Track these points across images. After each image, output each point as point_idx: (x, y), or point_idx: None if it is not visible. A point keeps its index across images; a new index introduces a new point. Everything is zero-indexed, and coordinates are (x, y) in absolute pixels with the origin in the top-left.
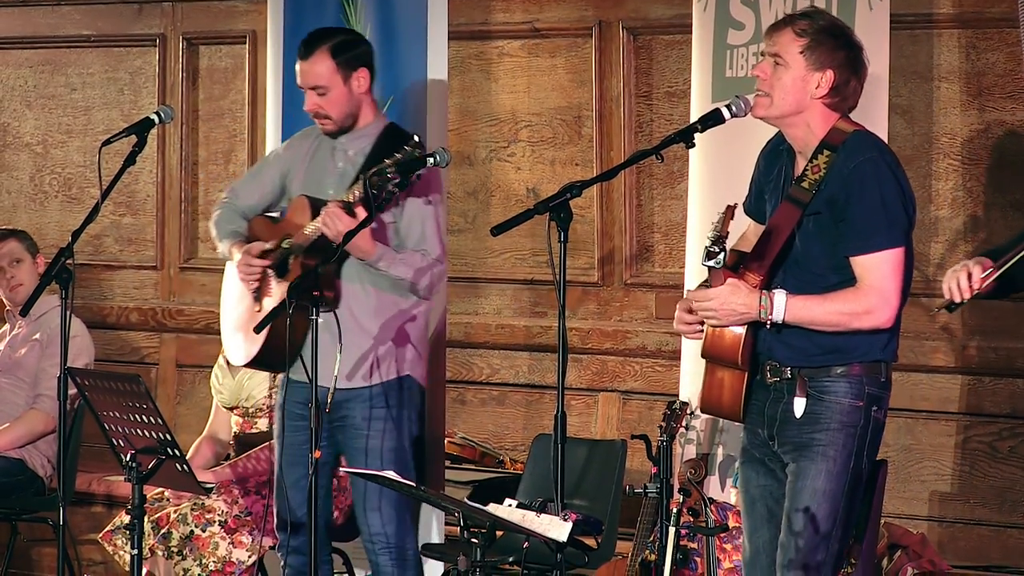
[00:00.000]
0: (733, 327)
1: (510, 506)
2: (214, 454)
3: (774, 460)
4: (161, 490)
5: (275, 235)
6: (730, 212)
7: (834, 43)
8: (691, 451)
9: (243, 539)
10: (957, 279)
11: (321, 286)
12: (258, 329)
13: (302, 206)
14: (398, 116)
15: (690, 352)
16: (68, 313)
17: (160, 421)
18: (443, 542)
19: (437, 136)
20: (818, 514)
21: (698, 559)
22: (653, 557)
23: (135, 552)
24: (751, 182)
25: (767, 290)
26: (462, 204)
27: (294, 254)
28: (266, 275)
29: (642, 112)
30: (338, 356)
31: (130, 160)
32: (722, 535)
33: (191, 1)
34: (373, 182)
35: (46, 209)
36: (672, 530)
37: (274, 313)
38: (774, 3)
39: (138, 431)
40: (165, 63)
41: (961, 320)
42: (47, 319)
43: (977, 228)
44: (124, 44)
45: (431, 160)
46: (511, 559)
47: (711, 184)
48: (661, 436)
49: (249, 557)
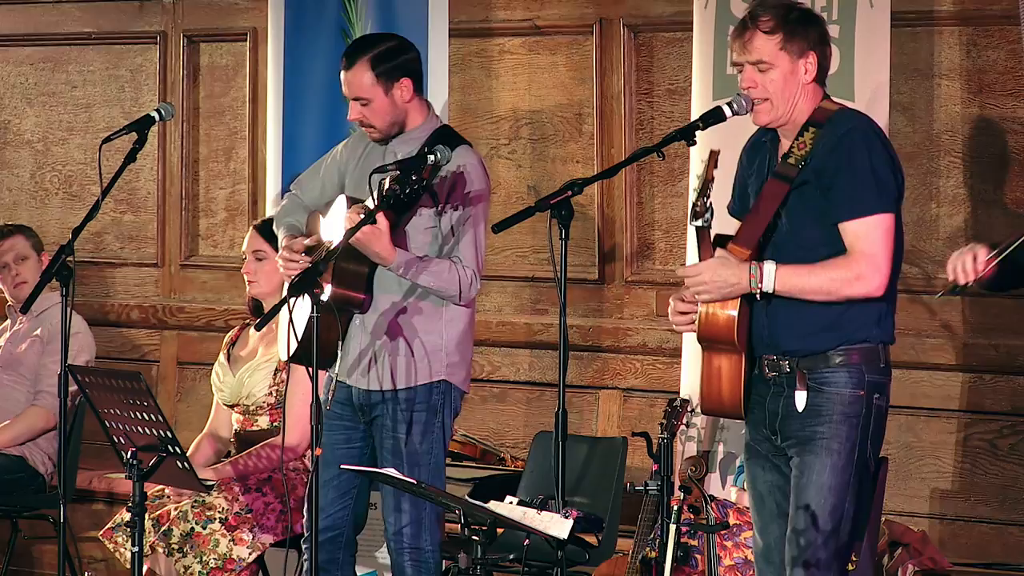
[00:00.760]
0: (727, 308)
1: (511, 503)
2: (215, 451)
3: (778, 455)
4: (161, 487)
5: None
6: (714, 158)
7: (804, 25)
8: (692, 448)
9: (244, 536)
10: (962, 261)
11: (337, 287)
12: (258, 327)
13: (341, 204)
14: None
15: (691, 349)
16: (68, 310)
17: (161, 418)
18: (444, 540)
19: None
20: (824, 509)
21: (699, 556)
22: (654, 554)
23: (136, 549)
24: (734, 182)
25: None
26: None
27: (329, 257)
28: None
29: (643, 110)
30: (377, 357)
31: (131, 157)
32: (723, 532)
33: None
34: (374, 182)
35: (47, 207)
36: (673, 527)
37: (274, 310)
38: None
39: (139, 428)
40: (166, 60)
41: (962, 317)
42: (48, 315)
43: (978, 225)
44: (125, 41)
45: (431, 158)
46: (512, 557)
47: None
48: (662, 433)
49: (250, 554)
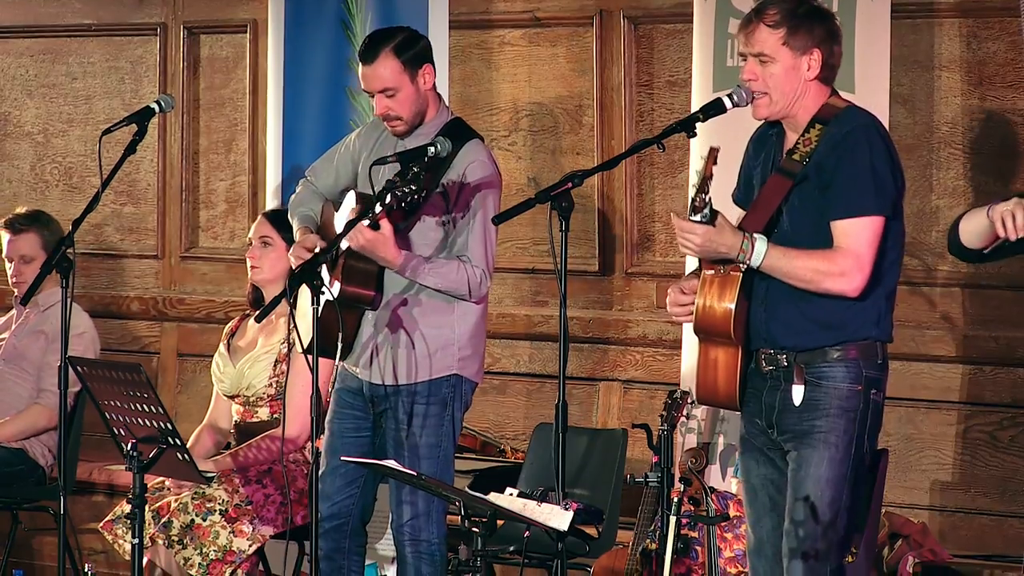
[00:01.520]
0: (724, 300)
1: (511, 495)
2: (215, 443)
3: (774, 449)
4: (161, 479)
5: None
6: (713, 155)
7: (809, 21)
8: (692, 440)
9: (244, 528)
10: (1013, 216)
11: (348, 284)
12: (258, 318)
13: (350, 200)
14: None
15: (691, 341)
16: (68, 302)
17: (161, 410)
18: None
19: None
20: (822, 502)
21: (699, 548)
22: (654, 546)
23: (136, 541)
24: (740, 171)
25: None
26: None
27: (340, 249)
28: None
29: (643, 101)
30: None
31: (131, 149)
32: (723, 524)
33: None
34: (374, 173)
35: (47, 198)
36: (673, 519)
37: (274, 302)
38: None
39: (139, 420)
40: (166, 52)
41: (962, 309)
42: (54, 312)
43: None
44: (125, 33)
45: (431, 150)
46: (512, 548)
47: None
48: (662, 425)
49: (250, 546)
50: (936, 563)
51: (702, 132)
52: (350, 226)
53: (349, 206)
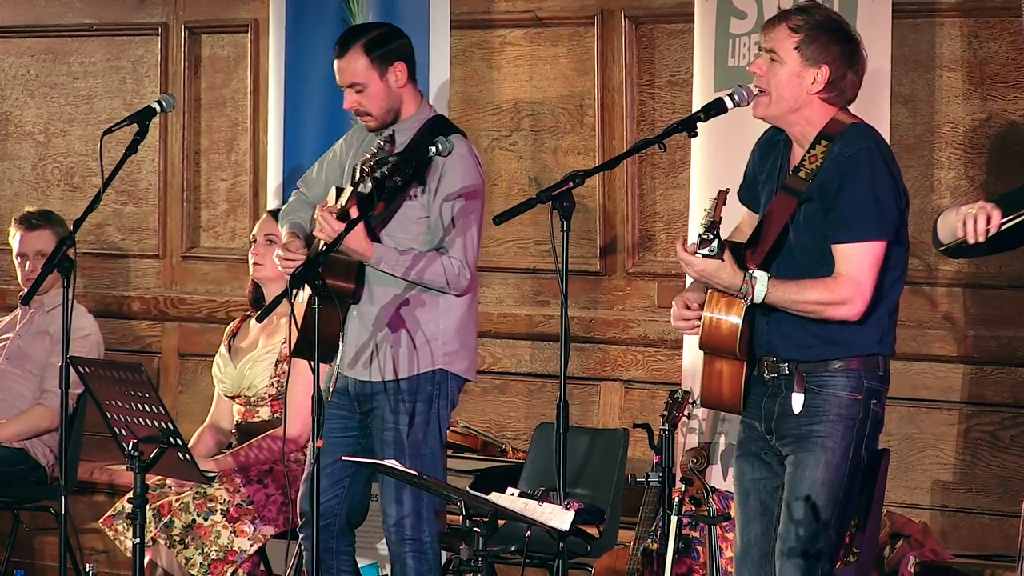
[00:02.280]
0: (731, 315)
1: (512, 495)
2: (216, 443)
3: (770, 454)
4: (163, 477)
5: None
6: (722, 197)
7: (829, 38)
8: (693, 440)
9: (245, 528)
10: (975, 220)
11: (327, 277)
12: (259, 319)
13: (332, 197)
14: None
15: (692, 341)
16: (70, 302)
17: (162, 410)
18: (445, 531)
19: None
20: (817, 504)
21: (700, 548)
22: (655, 546)
23: (137, 541)
24: (746, 170)
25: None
26: None
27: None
28: None
29: (644, 101)
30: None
31: (132, 149)
32: (724, 524)
33: None
34: (363, 169)
35: (48, 198)
36: (674, 519)
37: (275, 302)
38: None
39: (140, 420)
40: (167, 52)
41: (963, 309)
42: (59, 312)
43: None
44: (126, 33)
45: (432, 150)
46: (513, 548)
47: (713, 173)
48: (663, 425)
49: (251, 546)
50: (937, 563)
51: (704, 132)
52: (342, 235)
53: (331, 202)
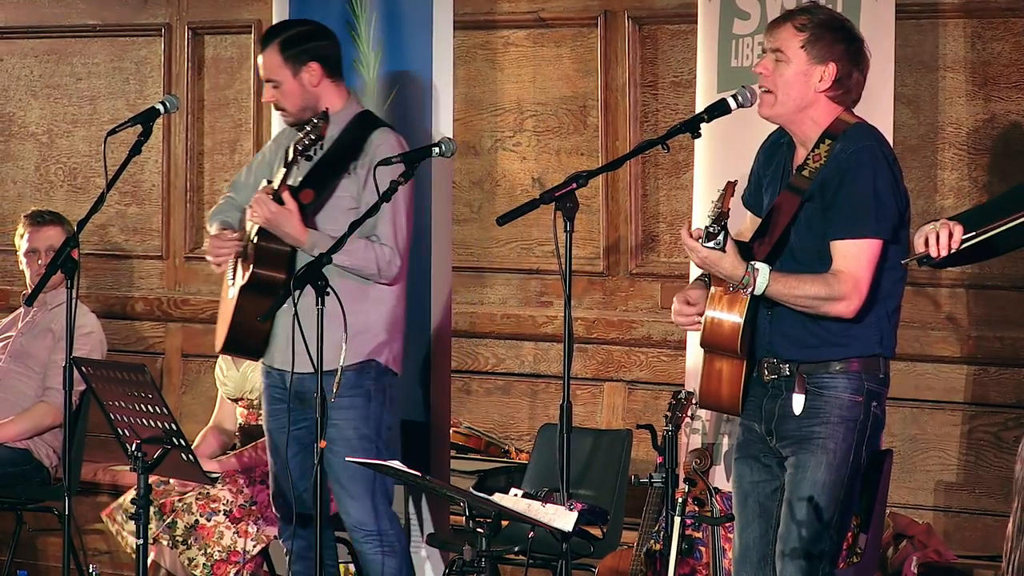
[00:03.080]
0: (733, 314)
1: (516, 496)
2: (220, 444)
3: (769, 456)
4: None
5: None
6: (731, 189)
7: (834, 36)
8: (696, 441)
9: (248, 529)
10: (937, 234)
11: (258, 268)
12: (262, 320)
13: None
14: (403, 106)
15: (695, 343)
16: (74, 302)
17: (165, 411)
18: (449, 532)
19: (442, 126)
20: (819, 505)
21: (703, 549)
22: (658, 547)
23: (140, 542)
24: (751, 174)
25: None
26: (467, 194)
27: (251, 239)
28: (236, 261)
29: (647, 102)
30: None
31: (136, 150)
32: (727, 525)
33: None
34: (296, 147)
35: (51, 199)
36: (677, 520)
37: (278, 303)
38: None
39: (143, 421)
40: (170, 52)
41: (967, 310)
42: (62, 311)
43: None
44: (130, 34)
45: (436, 150)
46: (516, 549)
47: (717, 174)
48: (666, 426)
49: (254, 547)
50: (940, 564)
51: (707, 132)
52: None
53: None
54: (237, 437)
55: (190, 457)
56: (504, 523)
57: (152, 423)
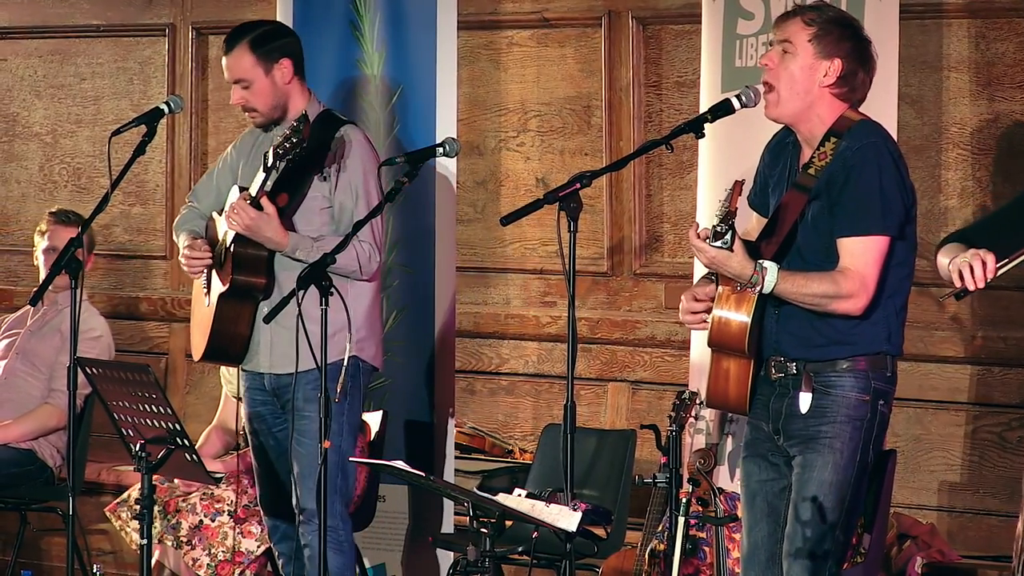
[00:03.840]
0: (740, 313)
1: (519, 496)
2: (224, 444)
3: (777, 455)
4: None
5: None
6: (738, 187)
7: (842, 33)
8: (700, 441)
9: (252, 529)
10: (971, 267)
11: (238, 274)
12: (266, 320)
13: (235, 194)
14: (407, 106)
15: (699, 342)
16: (78, 302)
17: (169, 411)
18: (452, 532)
19: (446, 126)
20: (825, 504)
21: (707, 549)
22: (662, 547)
23: (144, 542)
24: (756, 174)
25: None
26: (471, 194)
27: (227, 245)
28: (211, 270)
29: (651, 102)
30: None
31: (140, 150)
32: (731, 525)
33: None
34: (276, 151)
35: (55, 199)
36: (681, 520)
37: (282, 303)
38: None
39: (147, 421)
40: (175, 53)
41: (970, 310)
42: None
43: None
44: (134, 34)
45: (440, 150)
46: (520, 549)
47: (721, 174)
48: (671, 426)
49: (258, 547)
50: (944, 564)
51: (711, 133)
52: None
53: (232, 201)
54: (241, 437)
55: (194, 457)
56: (508, 523)
57: (156, 423)
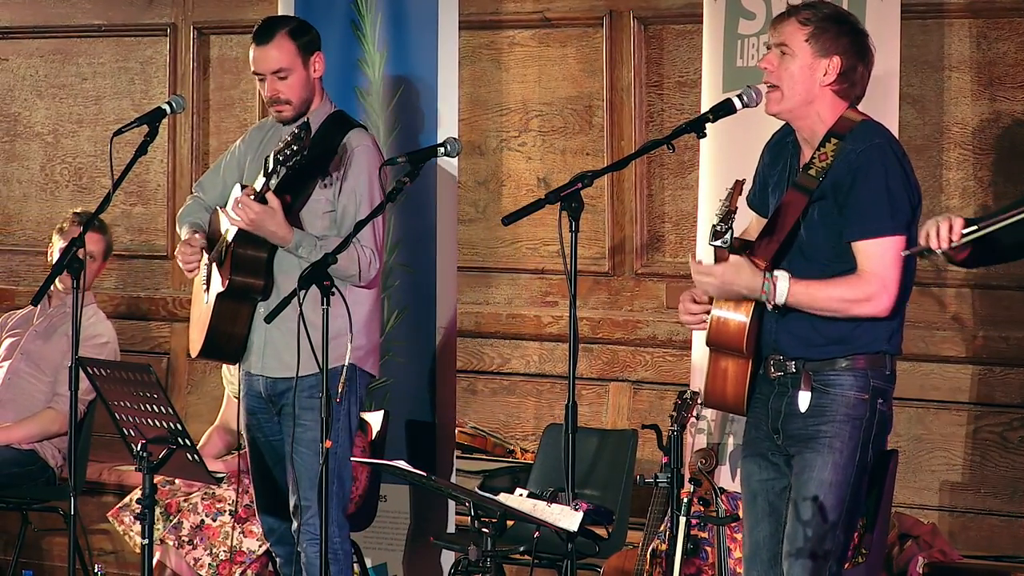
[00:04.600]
0: (739, 313)
1: (521, 496)
2: (225, 444)
3: (777, 454)
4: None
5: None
6: (738, 187)
7: (838, 29)
8: (702, 441)
9: (253, 528)
10: (937, 227)
11: (236, 275)
12: (268, 319)
13: (237, 192)
14: (408, 106)
15: (701, 342)
16: (80, 302)
17: (171, 411)
18: (454, 532)
19: (448, 126)
20: (825, 504)
21: (709, 549)
22: (664, 547)
23: (146, 542)
24: (755, 175)
25: (771, 273)
26: (473, 194)
27: (227, 243)
28: (211, 266)
29: (653, 102)
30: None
31: (142, 150)
32: (733, 524)
33: None
34: (277, 157)
35: (57, 199)
36: (683, 520)
37: (284, 303)
38: None
39: (149, 421)
40: (176, 53)
41: (972, 310)
42: (82, 315)
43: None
44: (135, 34)
45: (442, 150)
46: (522, 549)
47: (722, 174)
48: (672, 426)
49: (260, 547)
50: (946, 564)
51: (713, 132)
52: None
53: (235, 197)
54: (243, 437)
55: (195, 457)
56: (509, 523)
57: (157, 423)
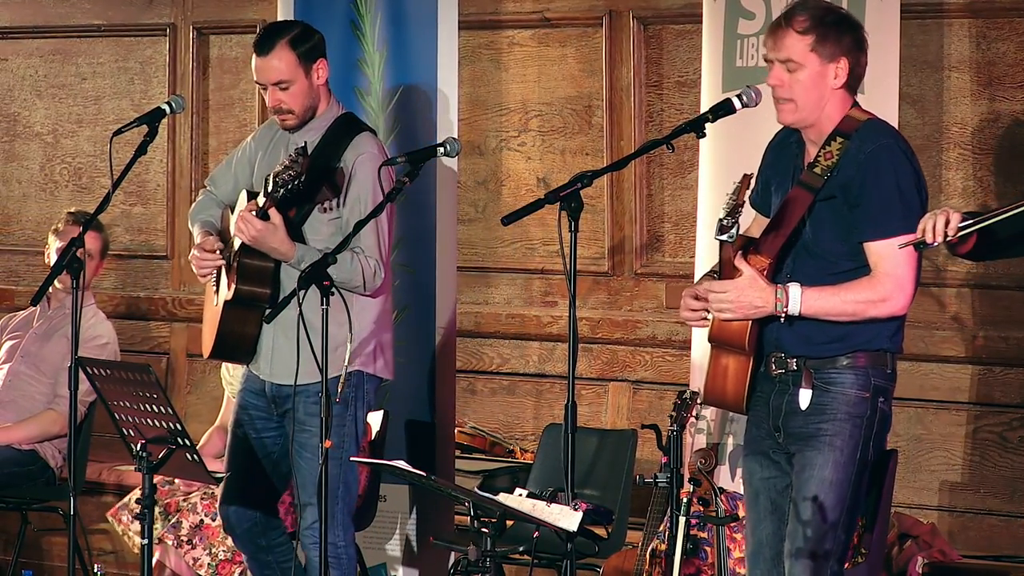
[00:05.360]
0: None
1: (520, 496)
2: (225, 444)
3: (778, 452)
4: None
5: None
6: (746, 181)
7: (838, 30)
8: (701, 441)
9: None
10: (935, 220)
11: (243, 284)
12: (268, 319)
13: (243, 201)
14: (408, 105)
15: (700, 342)
16: (80, 302)
17: (170, 411)
18: (453, 531)
19: (447, 126)
20: (826, 503)
21: (708, 549)
22: (663, 547)
23: (145, 542)
24: (757, 174)
25: (778, 279)
26: (472, 194)
27: (234, 254)
28: (222, 269)
29: (652, 102)
30: (347, 348)
31: (142, 150)
32: (732, 524)
33: None
34: (276, 180)
35: (56, 199)
36: (682, 520)
37: (284, 303)
38: None
39: (149, 421)
40: (175, 53)
41: (972, 310)
42: (82, 316)
43: None
44: (135, 34)
45: (441, 150)
46: (521, 549)
47: (722, 174)
48: (671, 426)
49: None
50: (945, 564)
51: (712, 132)
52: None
53: (242, 206)
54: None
55: (195, 457)
56: (509, 523)
57: (157, 423)
